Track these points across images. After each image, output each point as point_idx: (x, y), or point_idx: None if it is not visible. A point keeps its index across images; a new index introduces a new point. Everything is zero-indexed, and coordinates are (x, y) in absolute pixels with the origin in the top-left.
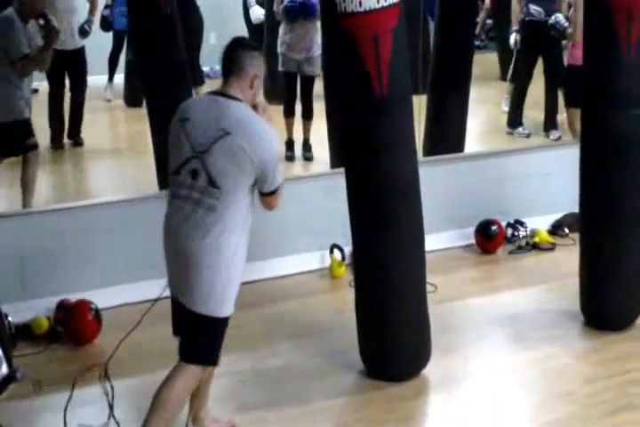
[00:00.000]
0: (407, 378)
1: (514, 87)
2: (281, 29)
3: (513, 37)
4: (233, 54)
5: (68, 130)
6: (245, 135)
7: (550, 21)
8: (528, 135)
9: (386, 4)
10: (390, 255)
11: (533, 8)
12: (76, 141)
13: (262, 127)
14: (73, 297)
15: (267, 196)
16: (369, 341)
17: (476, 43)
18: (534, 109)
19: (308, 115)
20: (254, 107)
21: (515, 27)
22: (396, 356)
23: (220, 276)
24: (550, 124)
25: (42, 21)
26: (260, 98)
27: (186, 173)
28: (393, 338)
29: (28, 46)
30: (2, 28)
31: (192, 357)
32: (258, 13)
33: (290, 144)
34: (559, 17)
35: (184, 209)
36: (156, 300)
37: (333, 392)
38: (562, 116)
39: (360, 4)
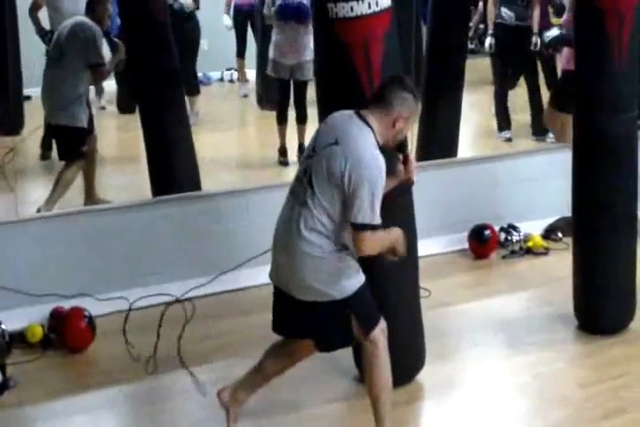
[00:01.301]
0: (401, 384)
1: (494, 92)
2: (273, 34)
3: (488, 41)
4: (386, 90)
5: None
6: (348, 152)
7: (546, 42)
8: (509, 139)
9: (377, 9)
10: (383, 260)
11: (504, 11)
12: None
13: (371, 154)
14: (67, 305)
15: (355, 231)
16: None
17: (469, 47)
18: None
19: (301, 119)
20: (398, 148)
21: (490, 30)
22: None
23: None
24: (540, 127)
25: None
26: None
27: (301, 168)
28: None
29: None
30: (86, 34)
31: (368, 327)
32: (224, 22)
33: (283, 151)
34: (550, 34)
35: (287, 204)
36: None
37: (327, 398)
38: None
39: (352, 9)
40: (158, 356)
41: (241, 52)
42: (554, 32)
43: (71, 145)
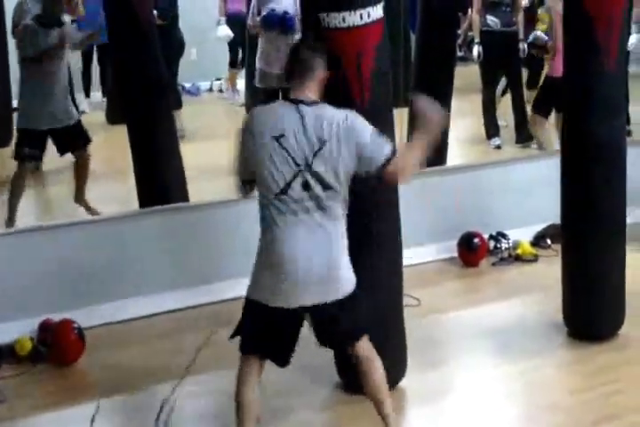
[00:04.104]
0: None
1: (482, 99)
2: (260, 43)
3: (475, 50)
4: (302, 57)
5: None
6: (336, 131)
7: (529, 40)
8: (498, 147)
9: (369, 20)
10: (366, 267)
11: (490, 18)
12: None
13: (342, 112)
14: (56, 317)
15: (388, 166)
16: (345, 354)
17: (458, 54)
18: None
19: None
20: None
21: (476, 39)
22: None
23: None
24: (524, 135)
25: None
26: None
27: (296, 187)
28: None
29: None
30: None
31: (361, 330)
32: (223, 32)
33: None
34: (536, 33)
35: (296, 222)
36: None
37: (311, 407)
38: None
39: (344, 19)
40: (150, 368)
41: (234, 62)
42: (537, 33)
43: (77, 137)
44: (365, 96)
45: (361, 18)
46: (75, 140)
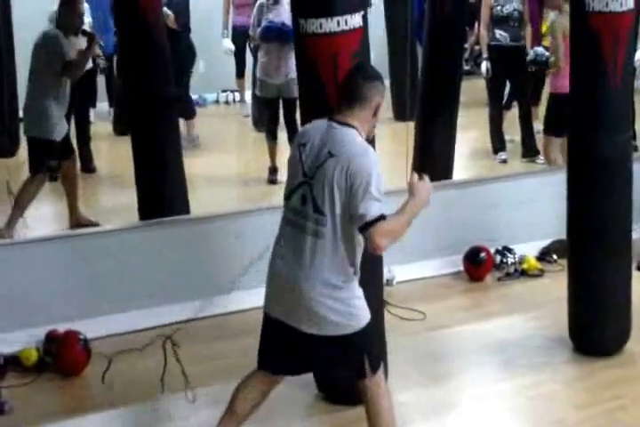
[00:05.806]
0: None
1: (488, 113)
2: (259, 54)
3: (484, 65)
4: (356, 85)
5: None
6: (344, 157)
7: (529, 58)
8: (504, 161)
9: (347, 27)
10: None
11: (499, 33)
12: (89, 168)
13: (362, 148)
14: (62, 328)
15: (363, 231)
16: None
17: (465, 68)
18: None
19: (293, 138)
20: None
21: (484, 54)
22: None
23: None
24: (530, 149)
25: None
26: None
27: (297, 198)
28: None
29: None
30: (47, 43)
31: (376, 364)
32: (225, 45)
33: (274, 170)
34: (537, 50)
35: (292, 235)
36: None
37: (293, 417)
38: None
39: (320, 26)
40: (155, 379)
41: (240, 73)
42: (539, 50)
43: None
44: None
45: (338, 25)
46: (65, 150)
